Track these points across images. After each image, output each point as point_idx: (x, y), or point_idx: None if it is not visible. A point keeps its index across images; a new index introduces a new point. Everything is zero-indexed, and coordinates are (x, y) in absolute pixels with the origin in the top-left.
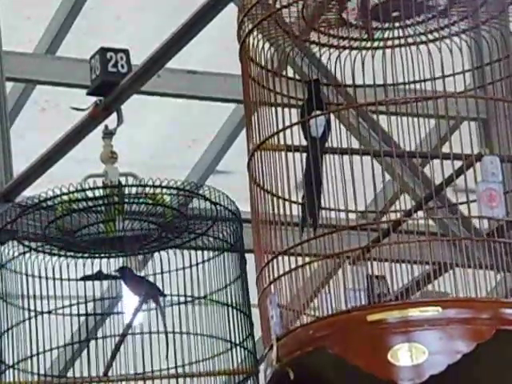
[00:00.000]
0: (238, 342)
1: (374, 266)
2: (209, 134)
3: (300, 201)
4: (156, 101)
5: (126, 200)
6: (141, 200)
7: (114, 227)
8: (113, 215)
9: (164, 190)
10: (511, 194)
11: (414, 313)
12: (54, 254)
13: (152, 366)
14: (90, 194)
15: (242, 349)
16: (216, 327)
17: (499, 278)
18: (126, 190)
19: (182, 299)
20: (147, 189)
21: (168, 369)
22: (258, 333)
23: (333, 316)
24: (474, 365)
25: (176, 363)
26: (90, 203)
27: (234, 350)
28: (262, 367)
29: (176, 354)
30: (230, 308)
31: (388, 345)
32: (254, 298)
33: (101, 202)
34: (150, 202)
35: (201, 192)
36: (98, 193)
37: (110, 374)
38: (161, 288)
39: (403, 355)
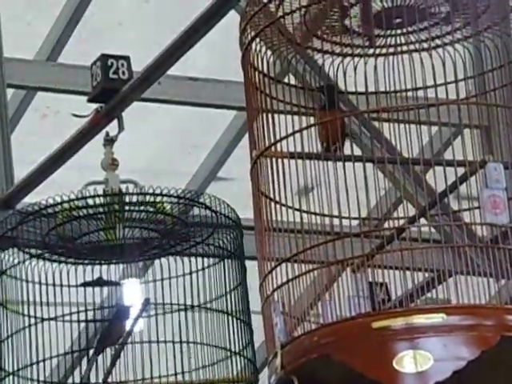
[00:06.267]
0: (237, 350)
1: (378, 272)
2: (210, 140)
3: (303, 207)
4: (157, 107)
5: (127, 208)
6: (141, 208)
7: (115, 235)
8: (113, 223)
9: (164, 198)
10: None
11: (419, 320)
12: (55, 261)
13: (151, 373)
14: (90, 201)
15: (242, 357)
16: (215, 335)
17: (502, 284)
18: (127, 198)
19: (183, 307)
20: (148, 197)
21: (167, 376)
22: (257, 341)
23: (337, 323)
24: (478, 371)
25: (175, 371)
26: (91, 211)
27: (233, 358)
28: (261, 376)
29: (175, 361)
30: (229, 316)
31: (393, 352)
32: (253, 306)
33: (101, 209)
34: (151, 209)
35: (201, 200)
36: (98, 200)
37: (109, 380)
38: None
39: (408, 362)
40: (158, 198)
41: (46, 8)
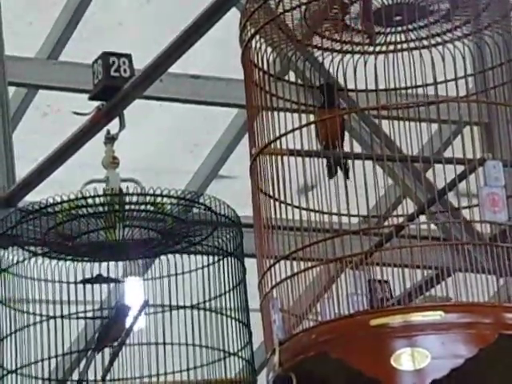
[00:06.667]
0: (235, 351)
1: (377, 270)
2: (211, 138)
3: (303, 205)
4: (158, 105)
5: (127, 207)
6: (141, 207)
7: (115, 234)
8: (113, 222)
9: (164, 199)
10: None
11: (417, 317)
12: (54, 258)
13: (150, 372)
14: (90, 200)
15: (240, 358)
16: (214, 336)
17: (502, 282)
18: (127, 198)
19: (182, 306)
20: (148, 197)
21: (165, 374)
22: (256, 342)
23: (335, 320)
24: (476, 369)
25: (174, 370)
26: (91, 210)
27: (231, 359)
28: (260, 377)
29: (173, 361)
30: (227, 316)
31: (391, 349)
32: (251, 304)
33: (101, 208)
34: (151, 209)
35: (201, 201)
36: (98, 200)
37: (107, 378)
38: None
39: (406, 360)
40: (159, 199)
41: (47, 7)
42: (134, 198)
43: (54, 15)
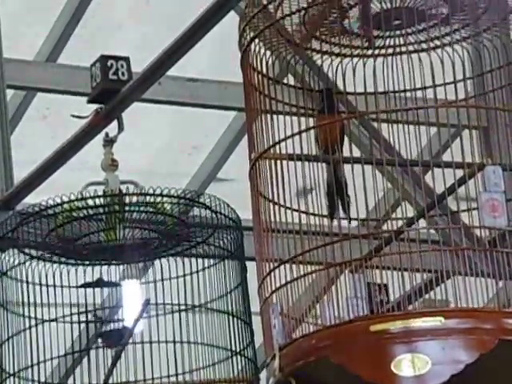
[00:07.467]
0: (238, 350)
1: (376, 274)
2: (209, 141)
3: (302, 208)
4: (157, 108)
5: (127, 208)
6: (141, 208)
7: (115, 236)
8: (113, 224)
9: (165, 199)
10: None
11: (417, 323)
12: (55, 262)
13: (153, 374)
14: (90, 202)
15: (243, 357)
16: (216, 336)
17: (500, 286)
18: (127, 199)
19: (183, 307)
20: (148, 197)
21: (169, 376)
22: (257, 342)
23: (335, 326)
24: (476, 375)
25: (177, 371)
26: (91, 211)
27: (234, 358)
28: (262, 375)
29: (176, 362)
30: (230, 316)
31: (391, 355)
32: (254, 306)
33: (101, 210)
34: (151, 210)
35: (201, 200)
36: (98, 201)
37: (110, 381)
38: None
39: (406, 365)
40: (158, 199)
41: (46, 9)
42: (134, 199)
43: (53, 17)
